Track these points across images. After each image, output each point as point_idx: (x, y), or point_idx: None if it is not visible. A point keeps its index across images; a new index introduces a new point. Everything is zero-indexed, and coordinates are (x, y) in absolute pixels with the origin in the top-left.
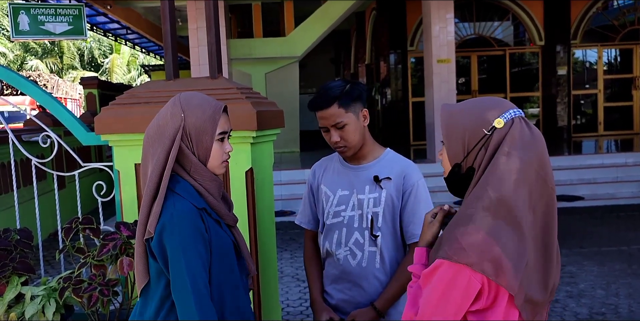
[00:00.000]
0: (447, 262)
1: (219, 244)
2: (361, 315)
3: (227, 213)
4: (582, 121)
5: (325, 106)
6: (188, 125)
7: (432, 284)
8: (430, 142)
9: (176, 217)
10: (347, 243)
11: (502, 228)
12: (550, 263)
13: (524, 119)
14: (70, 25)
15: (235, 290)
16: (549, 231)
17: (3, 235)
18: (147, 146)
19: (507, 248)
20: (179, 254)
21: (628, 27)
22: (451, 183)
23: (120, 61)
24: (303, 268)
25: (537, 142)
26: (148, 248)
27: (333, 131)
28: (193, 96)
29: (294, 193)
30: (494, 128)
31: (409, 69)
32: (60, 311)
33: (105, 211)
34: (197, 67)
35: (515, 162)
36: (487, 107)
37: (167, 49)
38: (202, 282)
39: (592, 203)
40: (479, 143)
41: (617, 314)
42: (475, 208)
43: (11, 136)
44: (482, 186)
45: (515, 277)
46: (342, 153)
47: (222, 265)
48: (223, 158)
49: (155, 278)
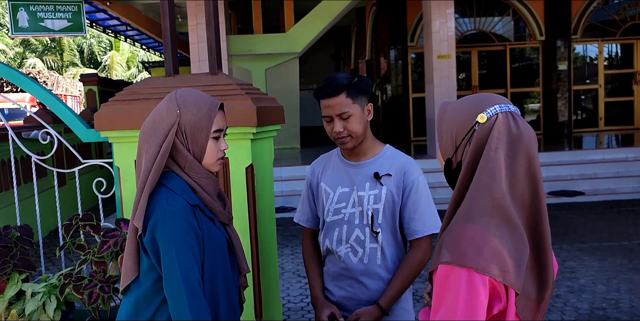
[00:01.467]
0: (456, 268)
1: (212, 241)
2: (366, 314)
3: (221, 211)
4: (582, 116)
5: (333, 93)
6: (183, 122)
7: (451, 295)
8: (431, 138)
9: (169, 213)
10: (348, 240)
11: (498, 227)
12: (545, 259)
13: (511, 113)
14: (70, 22)
15: (228, 287)
16: (540, 225)
17: (3, 232)
18: (142, 142)
19: (506, 246)
20: (171, 251)
21: (629, 22)
22: (447, 177)
23: (120, 58)
24: (304, 264)
25: (524, 137)
26: (140, 244)
27: (337, 120)
28: (189, 92)
29: (294, 189)
30: (477, 123)
31: (409, 65)
32: (61, 308)
33: (105, 208)
34: (196, 64)
35: (502, 158)
36: (475, 102)
37: (166, 45)
38: (194, 278)
39: (593, 198)
40: (465, 138)
41: (617, 309)
42: (470, 207)
43: (11, 133)
44: (476, 184)
45: (519, 276)
46: (343, 144)
47: (215, 262)
48: (218, 156)
49: (146, 274)
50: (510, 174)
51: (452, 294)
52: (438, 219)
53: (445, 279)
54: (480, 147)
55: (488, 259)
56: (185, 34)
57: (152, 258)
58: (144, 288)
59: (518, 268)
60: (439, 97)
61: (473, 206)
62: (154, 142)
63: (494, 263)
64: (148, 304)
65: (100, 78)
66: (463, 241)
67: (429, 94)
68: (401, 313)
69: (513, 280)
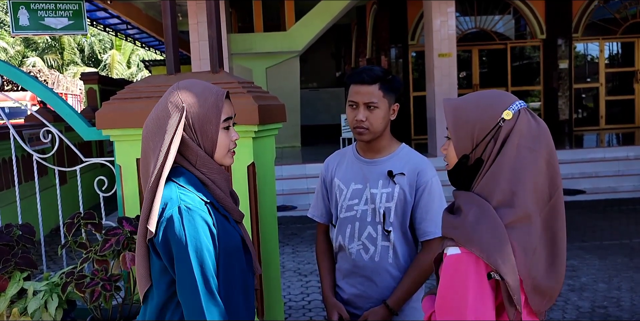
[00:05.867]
0: (464, 256)
1: (227, 240)
2: (374, 315)
3: (234, 208)
4: (583, 115)
5: (368, 81)
6: (190, 115)
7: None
8: (432, 136)
9: (184, 211)
10: (360, 237)
11: (513, 218)
12: (558, 251)
13: (528, 110)
14: (71, 21)
15: (246, 288)
16: (557, 217)
17: (5, 231)
18: (147, 141)
19: (517, 237)
20: (186, 251)
21: (630, 20)
22: (456, 175)
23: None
24: (305, 263)
25: (543, 131)
26: (151, 246)
27: (363, 108)
28: (192, 84)
29: (295, 187)
30: (503, 120)
31: (409, 63)
32: (63, 306)
33: (107, 207)
34: (197, 62)
35: (526, 153)
36: (495, 99)
37: (168, 43)
38: (212, 281)
39: (593, 196)
40: (489, 135)
41: (619, 307)
42: (488, 199)
43: (12, 132)
44: (494, 177)
45: (525, 265)
46: (360, 135)
47: (231, 263)
48: (230, 147)
49: (158, 279)
50: (532, 168)
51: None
52: None
53: (455, 263)
54: (503, 143)
55: (495, 250)
56: (186, 33)
57: (164, 260)
58: (157, 294)
59: (525, 256)
60: (439, 95)
61: (491, 197)
62: (160, 140)
63: (500, 253)
64: (166, 311)
65: (101, 76)
66: (476, 232)
67: (430, 92)
68: (412, 312)
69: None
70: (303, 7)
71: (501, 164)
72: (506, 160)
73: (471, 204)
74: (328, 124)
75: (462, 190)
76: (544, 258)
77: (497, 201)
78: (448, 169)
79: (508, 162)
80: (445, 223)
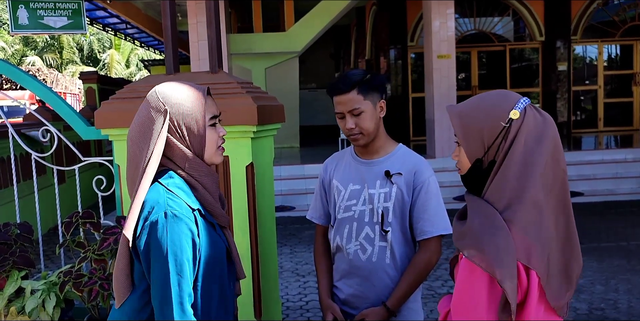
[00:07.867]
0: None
1: (211, 251)
2: (372, 315)
3: (221, 213)
4: (582, 117)
5: (344, 90)
6: (175, 116)
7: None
8: (430, 138)
9: (170, 217)
10: (358, 238)
11: (527, 217)
12: (573, 245)
13: (533, 105)
14: (70, 20)
15: (223, 296)
16: (567, 211)
17: (3, 229)
18: (133, 149)
19: (532, 236)
20: (166, 258)
21: (628, 23)
22: (471, 179)
23: (119, 56)
24: (303, 263)
25: (549, 126)
26: (133, 250)
27: (349, 117)
28: (171, 85)
29: (293, 188)
30: (511, 120)
31: (409, 65)
32: (61, 305)
33: (105, 206)
34: (196, 62)
35: (532, 150)
36: (499, 100)
37: (167, 43)
38: (187, 291)
39: (591, 199)
40: (499, 136)
41: (616, 309)
42: (499, 198)
43: (11, 131)
44: (504, 176)
45: (542, 260)
46: (355, 141)
47: (212, 272)
48: (218, 143)
49: (137, 283)
50: (540, 166)
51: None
52: (447, 220)
53: (470, 273)
54: (512, 141)
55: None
56: (185, 33)
57: (143, 264)
58: (132, 299)
59: (541, 253)
60: (438, 97)
61: (502, 197)
62: (146, 147)
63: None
64: (139, 317)
65: (100, 76)
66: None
67: (429, 94)
68: (409, 313)
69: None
70: (302, 7)
71: (510, 162)
72: (515, 157)
73: (478, 212)
74: (327, 125)
75: (476, 192)
76: (561, 244)
77: (507, 199)
78: (461, 174)
79: (517, 159)
80: (454, 229)
